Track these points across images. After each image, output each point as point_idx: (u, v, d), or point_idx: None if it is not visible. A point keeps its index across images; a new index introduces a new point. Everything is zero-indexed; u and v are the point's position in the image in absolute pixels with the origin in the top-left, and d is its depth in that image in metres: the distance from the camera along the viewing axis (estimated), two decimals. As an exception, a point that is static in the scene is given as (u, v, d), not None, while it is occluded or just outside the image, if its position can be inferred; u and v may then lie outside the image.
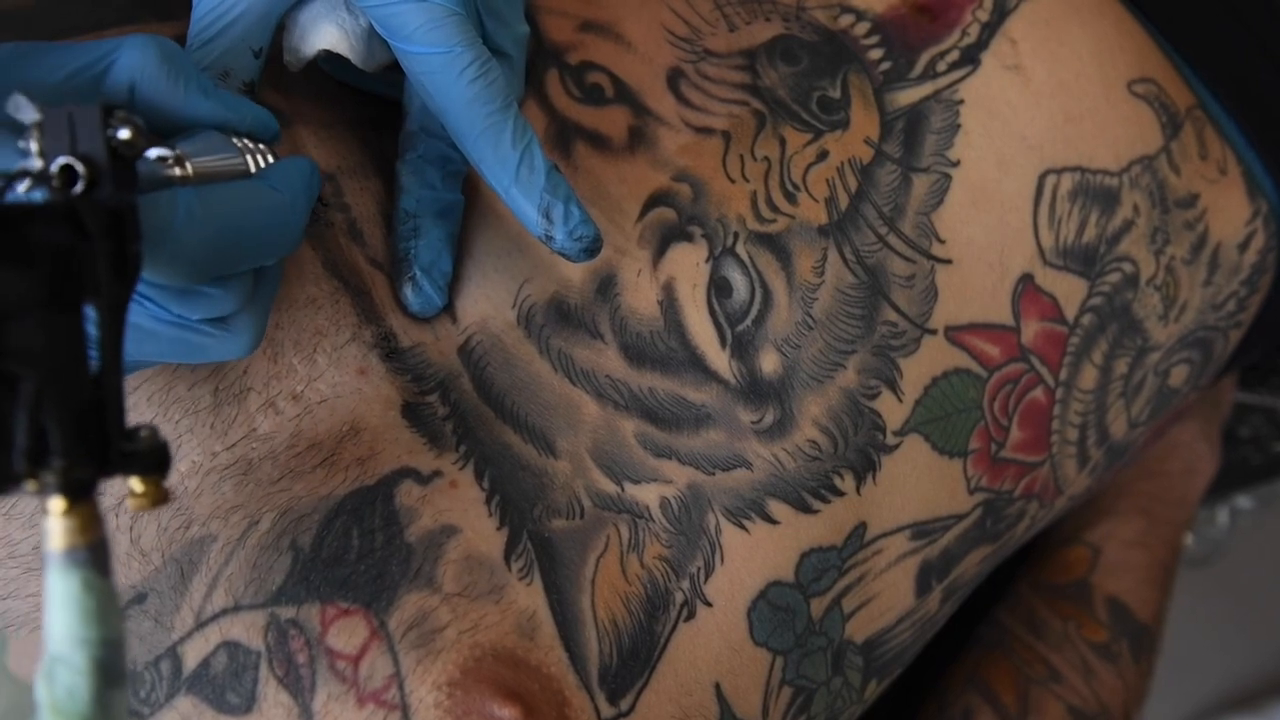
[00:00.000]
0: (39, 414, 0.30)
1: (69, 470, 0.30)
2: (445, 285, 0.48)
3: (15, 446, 0.30)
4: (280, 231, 0.40)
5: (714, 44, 0.56)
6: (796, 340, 0.51)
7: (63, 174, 0.33)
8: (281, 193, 0.40)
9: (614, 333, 0.50)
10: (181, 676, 0.44)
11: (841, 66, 0.56)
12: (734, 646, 0.49)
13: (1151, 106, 0.61)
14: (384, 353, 0.47)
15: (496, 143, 0.43)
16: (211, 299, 0.39)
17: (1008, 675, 0.69)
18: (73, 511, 0.30)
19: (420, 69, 0.43)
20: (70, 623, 0.30)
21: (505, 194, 0.44)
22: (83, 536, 0.30)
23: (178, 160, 0.39)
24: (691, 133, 0.53)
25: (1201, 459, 0.80)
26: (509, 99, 0.44)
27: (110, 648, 0.30)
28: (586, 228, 0.44)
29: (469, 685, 0.43)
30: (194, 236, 0.37)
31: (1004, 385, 0.56)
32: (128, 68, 0.39)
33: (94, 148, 0.34)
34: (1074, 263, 0.58)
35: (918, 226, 0.55)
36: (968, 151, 0.56)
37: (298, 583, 0.44)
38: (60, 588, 0.30)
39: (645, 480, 0.49)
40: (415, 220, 0.48)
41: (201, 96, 0.40)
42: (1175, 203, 0.61)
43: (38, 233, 0.31)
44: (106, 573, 0.31)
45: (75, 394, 0.31)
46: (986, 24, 0.59)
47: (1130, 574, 0.73)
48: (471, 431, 0.47)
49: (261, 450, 0.45)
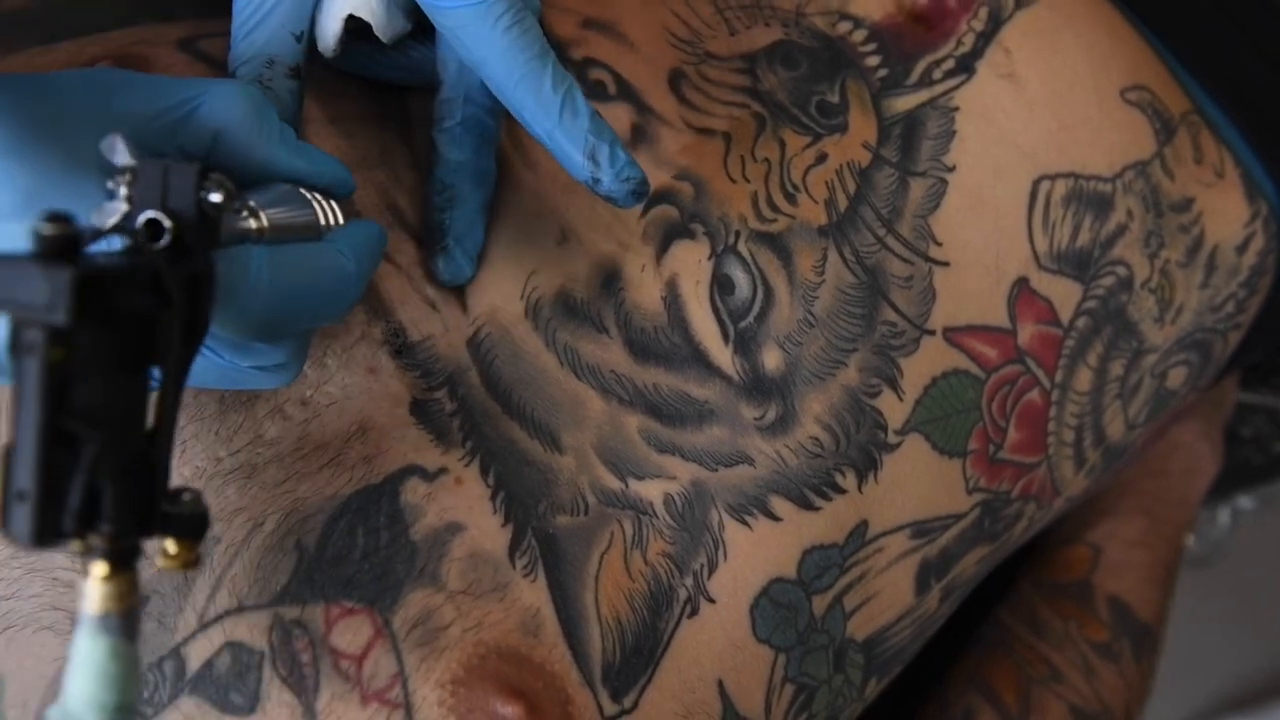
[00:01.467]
0: (95, 476, 0.30)
1: (116, 538, 0.30)
2: (476, 255, 0.48)
3: (68, 508, 0.30)
4: (341, 299, 0.41)
5: (715, 47, 0.56)
6: (798, 338, 0.51)
7: (148, 228, 0.33)
8: (348, 259, 0.41)
9: (619, 327, 0.50)
10: (185, 677, 0.44)
11: (840, 72, 0.57)
12: (737, 643, 0.49)
13: (1145, 113, 0.61)
14: (393, 349, 0.47)
15: (538, 88, 0.43)
16: (262, 353, 0.39)
17: (1009, 675, 0.69)
18: (113, 578, 0.31)
19: (455, 23, 0.43)
20: (91, 688, 0.30)
21: (549, 138, 0.43)
22: (119, 604, 0.31)
23: (253, 213, 0.38)
24: (692, 133, 0.54)
25: (1203, 459, 0.80)
26: (545, 46, 0.43)
27: (123, 713, 0.31)
28: (634, 169, 0.44)
29: (473, 683, 0.43)
30: (260, 300, 0.37)
31: (1002, 386, 0.56)
32: (216, 114, 0.39)
33: (185, 206, 0.34)
34: (1068, 267, 0.58)
35: (915, 229, 0.55)
36: (963, 157, 0.57)
37: (302, 582, 0.44)
38: (87, 651, 0.31)
39: (649, 476, 0.49)
40: (452, 190, 0.48)
41: (286, 151, 0.41)
42: (1169, 207, 0.61)
43: (121, 295, 0.31)
44: (134, 638, 0.31)
45: (131, 456, 0.31)
46: (981, 33, 0.59)
47: (1132, 573, 0.73)
48: (478, 427, 0.47)
49: (267, 455, 0.45)
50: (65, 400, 0.29)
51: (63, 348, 0.29)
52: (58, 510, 0.30)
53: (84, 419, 0.30)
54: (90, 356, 0.30)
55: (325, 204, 0.42)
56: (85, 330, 0.30)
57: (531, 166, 0.51)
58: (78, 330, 0.29)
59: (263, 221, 0.38)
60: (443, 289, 0.49)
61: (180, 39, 0.50)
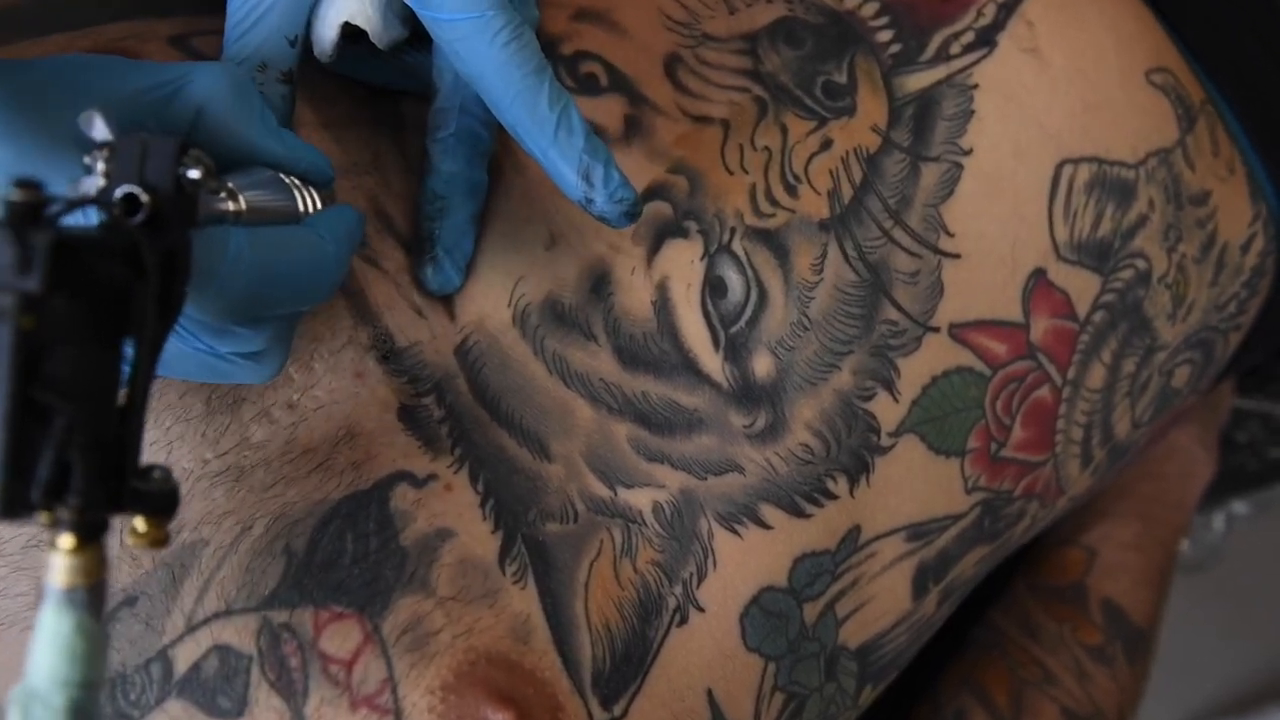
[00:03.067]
0: (65, 449, 0.30)
1: (84, 511, 0.30)
2: (464, 265, 0.48)
3: (36, 478, 0.29)
4: (321, 282, 0.41)
5: (713, 28, 0.55)
6: (791, 342, 0.51)
7: (125, 202, 0.33)
8: (328, 243, 0.40)
9: (607, 334, 0.49)
10: (172, 680, 0.44)
11: (848, 49, 0.55)
12: (726, 652, 0.48)
13: (1168, 97, 0.59)
14: (380, 354, 0.47)
15: (533, 105, 0.42)
16: (242, 338, 0.39)
17: (1002, 677, 0.68)
18: (80, 551, 0.30)
19: (452, 35, 0.42)
20: (55, 663, 0.30)
21: (543, 156, 0.43)
22: (85, 578, 0.30)
23: (231, 195, 0.38)
24: (689, 122, 0.52)
25: (1198, 463, 0.79)
26: (543, 62, 0.43)
27: (89, 690, 0.30)
28: (627, 190, 0.44)
29: (463, 689, 0.43)
30: (239, 280, 0.37)
31: (1009, 383, 0.55)
32: (198, 93, 0.39)
33: (163, 181, 0.33)
34: (1088, 258, 0.56)
35: (925, 219, 0.53)
36: (981, 139, 0.55)
37: (291, 587, 0.44)
38: (52, 626, 0.30)
39: (638, 485, 0.49)
40: (443, 201, 0.48)
41: (265, 134, 0.40)
42: (1189, 199, 0.60)
43: (96, 265, 0.31)
44: (100, 615, 0.31)
45: (102, 430, 0.31)
46: (1003, 4, 0.57)
47: (1126, 576, 0.72)
48: (467, 434, 0.47)
49: (254, 458, 0.45)
50: (36, 370, 0.29)
51: (34, 315, 0.29)
52: (26, 482, 0.29)
53: (55, 390, 0.29)
54: (63, 326, 0.30)
55: (305, 191, 0.42)
56: (58, 298, 0.29)
57: (520, 170, 0.50)
58: (51, 297, 0.29)
59: (240, 204, 0.38)
60: (429, 296, 0.48)
61: (172, 35, 0.50)
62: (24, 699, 0.30)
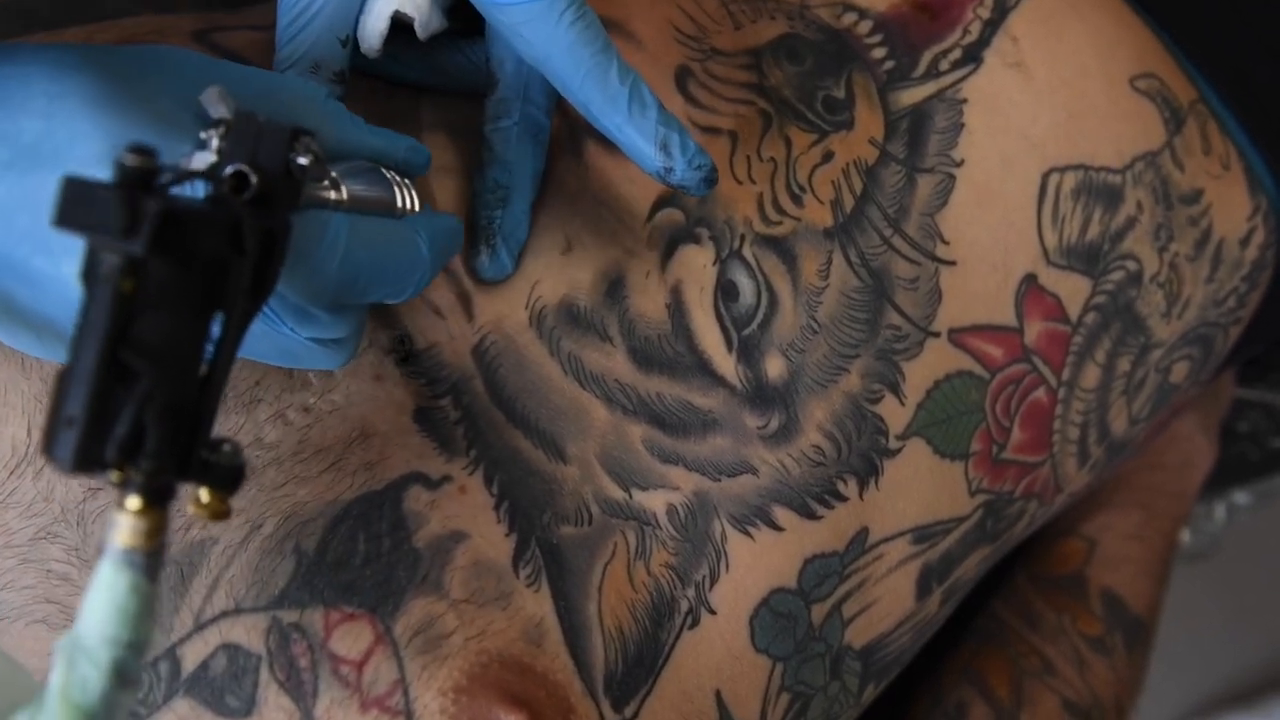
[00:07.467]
0: (143, 412, 0.30)
1: (155, 474, 0.31)
2: (518, 253, 0.48)
3: (113, 437, 0.30)
4: (408, 280, 0.41)
5: (720, 42, 0.55)
6: (801, 345, 0.51)
7: (234, 179, 0.34)
8: (423, 244, 0.41)
9: (623, 336, 0.50)
10: (180, 678, 0.44)
11: (845, 66, 0.56)
12: (735, 654, 0.49)
13: (1154, 102, 0.61)
14: (399, 357, 0.47)
15: (604, 82, 0.43)
16: (323, 323, 0.39)
17: (1002, 667, 0.69)
18: (145, 514, 0.31)
19: (518, 19, 0.42)
20: (105, 620, 0.31)
21: (618, 132, 0.44)
22: (147, 540, 0.31)
23: (334, 184, 0.39)
24: (699, 133, 0.53)
25: (1199, 453, 0.80)
26: (608, 39, 0.43)
27: (134, 650, 0.31)
28: (704, 156, 0.44)
29: (475, 692, 0.43)
30: (332, 265, 0.38)
31: (1006, 386, 0.56)
32: (296, 94, 0.40)
33: (273, 164, 0.34)
34: (1077, 262, 0.58)
35: (922, 228, 0.54)
36: (971, 151, 0.56)
37: (301, 586, 0.44)
38: (108, 582, 0.31)
39: (653, 487, 0.49)
40: (505, 190, 0.48)
41: (360, 127, 0.41)
42: (1179, 199, 0.61)
43: (198, 237, 0.31)
44: (156, 579, 0.31)
45: (182, 398, 0.32)
46: (988, 21, 0.58)
47: (1126, 567, 0.73)
48: (482, 436, 0.47)
49: (266, 458, 0.45)
50: (128, 333, 0.30)
51: (134, 279, 0.30)
52: (102, 439, 0.30)
53: (142, 354, 0.30)
54: (159, 292, 0.31)
55: (404, 187, 0.43)
56: (159, 265, 0.30)
57: None
58: (152, 263, 0.30)
59: (342, 194, 0.39)
60: (448, 297, 0.48)
61: (194, 31, 0.50)
62: (70, 649, 0.31)
